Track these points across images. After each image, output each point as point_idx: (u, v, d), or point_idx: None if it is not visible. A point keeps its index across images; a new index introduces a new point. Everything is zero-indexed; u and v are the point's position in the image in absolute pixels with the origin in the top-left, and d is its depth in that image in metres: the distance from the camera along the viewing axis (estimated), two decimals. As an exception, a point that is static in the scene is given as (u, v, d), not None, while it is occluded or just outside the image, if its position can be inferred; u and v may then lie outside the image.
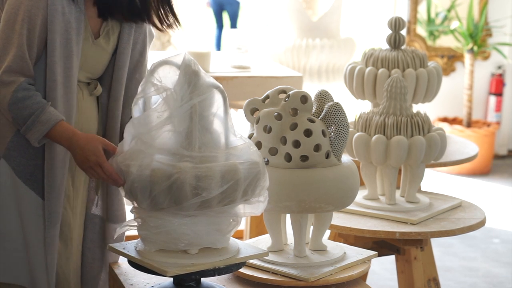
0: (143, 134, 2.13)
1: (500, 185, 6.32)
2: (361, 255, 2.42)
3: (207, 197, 2.06)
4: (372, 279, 4.29)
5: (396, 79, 2.83)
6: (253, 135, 2.33)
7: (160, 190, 2.06)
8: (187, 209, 2.08)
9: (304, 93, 2.30)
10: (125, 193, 2.17)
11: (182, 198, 2.06)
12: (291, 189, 2.26)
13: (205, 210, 2.10)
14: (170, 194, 2.06)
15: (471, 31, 6.61)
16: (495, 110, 6.94)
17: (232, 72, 4.21)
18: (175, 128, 2.11)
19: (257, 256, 2.22)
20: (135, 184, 2.09)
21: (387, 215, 2.81)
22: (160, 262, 2.12)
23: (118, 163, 2.15)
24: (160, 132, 2.12)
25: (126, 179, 2.13)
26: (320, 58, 5.85)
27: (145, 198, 2.09)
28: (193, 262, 2.12)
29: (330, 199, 2.28)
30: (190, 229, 2.12)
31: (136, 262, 2.17)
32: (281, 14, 5.95)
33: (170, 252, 2.15)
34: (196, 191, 2.06)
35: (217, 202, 2.09)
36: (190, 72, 2.12)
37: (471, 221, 2.83)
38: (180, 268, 2.10)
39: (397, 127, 2.81)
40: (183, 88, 2.11)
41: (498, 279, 4.53)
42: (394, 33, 3.42)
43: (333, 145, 2.30)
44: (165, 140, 2.12)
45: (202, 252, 2.16)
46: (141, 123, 2.14)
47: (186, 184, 2.05)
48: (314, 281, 2.27)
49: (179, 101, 2.11)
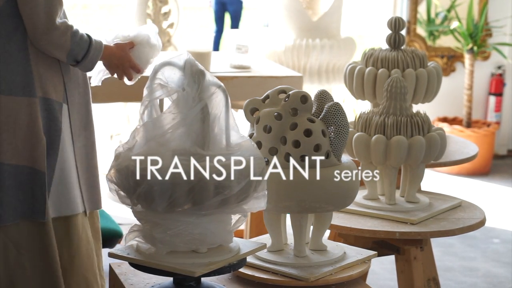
0: (159, 137, 2.11)
1: (500, 185, 6.32)
2: (361, 255, 2.43)
3: (228, 195, 2.07)
4: (372, 279, 4.28)
5: (396, 79, 2.83)
6: (253, 135, 2.33)
7: (182, 192, 2.05)
8: (207, 208, 2.08)
9: (304, 93, 2.31)
10: (134, 198, 2.12)
11: (204, 198, 2.06)
12: (291, 189, 2.26)
13: (223, 208, 2.10)
14: (191, 195, 2.06)
15: (471, 31, 6.61)
16: (495, 110, 6.94)
17: (232, 72, 4.21)
18: (189, 128, 2.10)
19: (259, 249, 2.24)
20: (154, 188, 2.06)
21: (387, 215, 2.81)
22: (180, 263, 2.10)
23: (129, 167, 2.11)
24: (176, 133, 2.10)
25: (140, 183, 2.08)
26: (320, 58, 5.85)
27: (164, 200, 2.07)
28: (209, 260, 2.12)
29: (330, 199, 2.28)
30: (206, 228, 2.12)
31: (151, 266, 2.13)
32: (281, 14, 5.95)
33: (181, 253, 2.13)
34: (218, 190, 2.06)
35: (235, 199, 2.10)
36: (196, 72, 2.13)
37: (471, 221, 2.83)
38: (204, 267, 2.10)
39: (397, 127, 2.81)
40: (193, 88, 2.11)
41: (498, 279, 4.53)
42: (394, 33, 3.42)
43: (333, 145, 2.31)
44: (181, 142, 2.10)
45: (209, 251, 2.16)
46: (156, 126, 2.12)
47: (209, 184, 2.05)
48: (314, 281, 2.27)
49: (191, 101, 2.11)
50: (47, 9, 2.60)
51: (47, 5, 2.60)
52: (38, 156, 2.64)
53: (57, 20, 2.62)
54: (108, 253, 2.24)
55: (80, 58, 2.67)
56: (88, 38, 2.68)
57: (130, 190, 2.11)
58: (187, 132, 2.10)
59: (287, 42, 5.87)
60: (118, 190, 2.16)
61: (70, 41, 2.63)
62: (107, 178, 2.17)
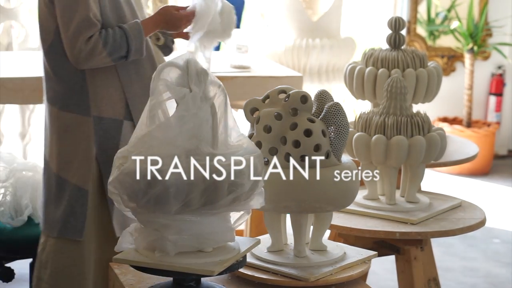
0: (171, 138, 2.09)
1: (500, 185, 6.32)
2: (361, 255, 2.42)
3: (240, 193, 2.07)
4: (372, 279, 4.28)
5: (396, 79, 2.83)
6: (253, 135, 2.33)
7: (198, 192, 2.05)
8: (219, 207, 2.08)
9: (304, 93, 2.30)
10: (143, 202, 2.08)
11: (218, 197, 2.06)
12: (291, 189, 2.25)
13: (233, 205, 2.11)
14: (205, 195, 2.05)
15: (471, 31, 6.61)
16: (495, 110, 6.94)
17: (232, 72, 4.21)
18: (200, 128, 2.10)
19: (255, 244, 2.24)
20: (170, 190, 2.04)
21: (387, 215, 2.81)
22: (194, 263, 2.09)
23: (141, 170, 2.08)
24: (188, 134, 2.09)
25: (153, 185, 2.05)
26: (320, 58, 5.85)
27: (178, 202, 2.05)
28: (220, 259, 2.12)
29: (330, 199, 2.28)
30: (216, 227, 2.12)
31: (164, 268, 2.10)
32: (281, 14, 5.95)
33: (187, 253, 2.12)
34: (231, 188, 2.06)
35: (245, 197, 2.11)
36: (201, 72, 2.13)
37: (471, 221, 2.83)
38: (219, 265, 2.09)
39: (397, 127, 2.81)
40: (200, 88, 2.11)
41: (498, 279, 4.53)
42: (394, 33, 3.42)
43: (333, 145, 2.30)
44: (194, 142, 2.09)
45: (214, 250, 2.15)
46: (168, 128, 2.09)
47: (223, 183, 2.05)
48: (314, 281, 2.26)
49: (199, 101, 2.10)
50: (70, 42, 2.70)
51: (70, 38, 2.70)
52: (83, 174, 2.82)
53: (82, 47, 2.68)
54: (113, 258, 2.19)
55: (125, 54, 2.72)
56: (122, 31, 2.71)
57: (139, 193, 2.07)
58: (198, 132, 2.10)
59: (287, 42, 5.87)
60: (122, 194, 2.11)
61: (106, 51, 2.69)
62: (109, 183, 2.11)
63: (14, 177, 3.32)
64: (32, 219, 3.29)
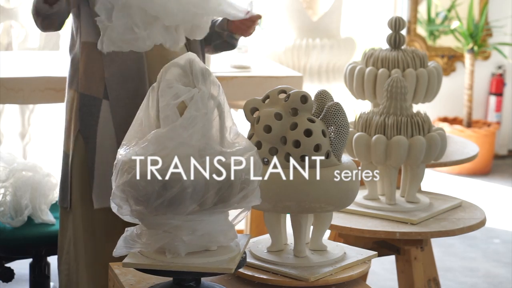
0: (186, 139, 2.08)
1: (500, 185, 6.31)
2: (361, 255, 2.42)
3: (249, 190, 2.08)
4: (372, 279, 4.28)
5: (396, 79, 2.83)
6: (253, 135, 2.33)
7: (213, 191, 2.05)
8: (230, 205, 2.08)
9: (304, 93, 2.30)
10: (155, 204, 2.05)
11: (231, 195, 2.06)
12: (291, 189, 2.25)
13: (243, 203, 2.11)
14: (220, 193, 2.05)
15: (471, 31, 6.60)
16: (495, 110, 6.94)
17: (232, 72, 4.20)
18: (210, 127, 2.10)
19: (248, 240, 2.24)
20: (187, 190, 2.02)
21: (387, 215, 2.81)
22: (207, 262, 2.09)
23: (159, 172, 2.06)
24: (200, 133, 2.09)
25: (169, 187, 2.03)
26: (320, 58, 5.85)
27: (194, 202, 2.04)
28: (229, 256, 2.12)
29: (330, 199, 2.28)
30: (224, 225, 2.12)
31: (178, 269, 2.09)
32: (281, 14, 5.95)
33: (195, 253, 2.11)
34: (243, 185, 2.07)
35: (251, 193, 2.11)
36: (204, 70, 2.13)
37: (471, 221, 2.83)
38: (232, 262, 2.10)
39: (397, 127, 2.81)
40: (207, 86, 2.11)
41: (498, 279, 4.53)
42: (394, 33, 3.42)
43: (333, 145, 2.30)
44: (207, 141, 2.09)
45: (218, 248, 2.15)
46: (182, 129, 2.08)
47: (237, 180, 2.06)
48: (314, 281, 2.26)
49: (206, 100, 2.10)
50: None
51: None
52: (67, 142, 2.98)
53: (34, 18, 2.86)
54: (122, 263, 2.17)
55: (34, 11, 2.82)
56: None
57: (152, 196, 2.04)
58: (209, 131, 2.10)
59: (287, 42, 5.87)
60: (130, 198, 2.07)
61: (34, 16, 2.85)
62: (117, 187, 2.08)
63: (14, 177, 3.32)
64: (32, 219, 3.29)
